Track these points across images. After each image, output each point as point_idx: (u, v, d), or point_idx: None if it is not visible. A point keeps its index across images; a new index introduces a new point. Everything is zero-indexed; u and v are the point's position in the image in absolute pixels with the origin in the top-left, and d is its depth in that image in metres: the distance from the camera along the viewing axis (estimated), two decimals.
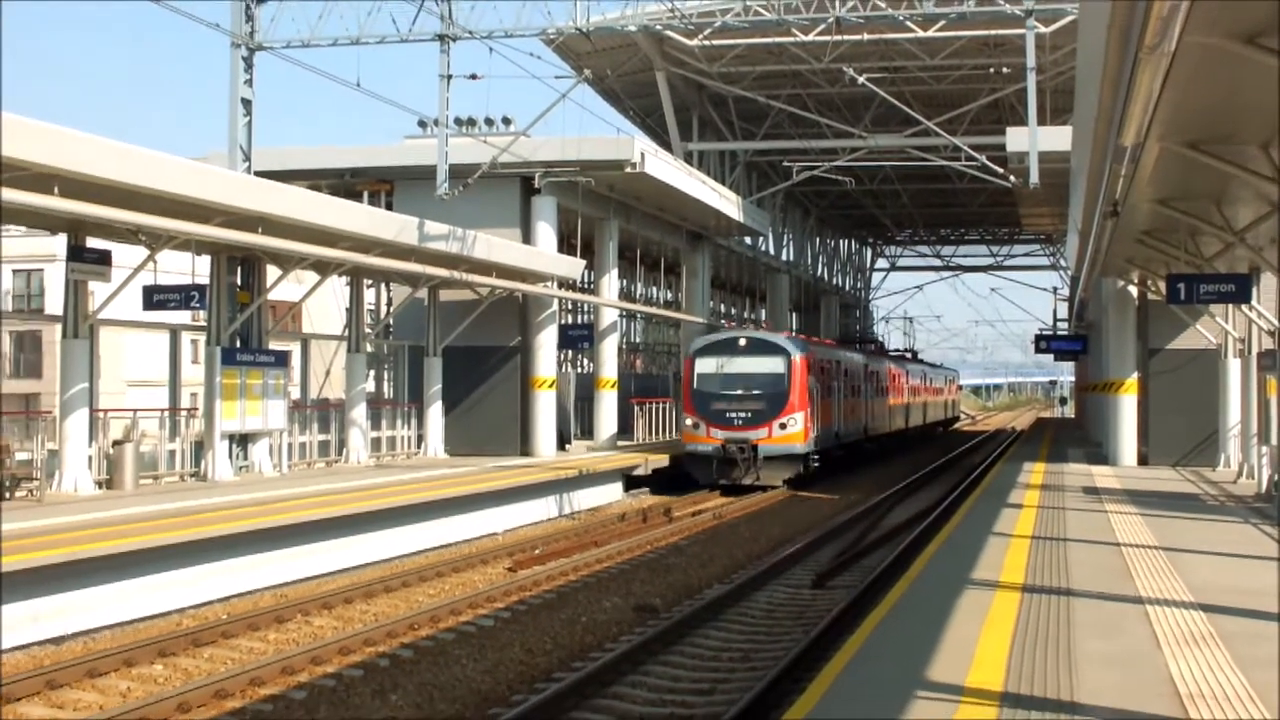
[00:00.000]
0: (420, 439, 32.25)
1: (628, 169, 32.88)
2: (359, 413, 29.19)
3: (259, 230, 22.02)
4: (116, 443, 22.31)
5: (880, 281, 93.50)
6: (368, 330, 31.43)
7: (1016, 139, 31.41)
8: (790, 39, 35.28)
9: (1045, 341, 52.04)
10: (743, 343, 33.34)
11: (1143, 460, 30.37)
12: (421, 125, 34.67)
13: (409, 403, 32.62)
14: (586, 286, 40.66)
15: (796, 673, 12.22)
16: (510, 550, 22.00)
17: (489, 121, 35.52)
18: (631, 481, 31.74)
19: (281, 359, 26.06)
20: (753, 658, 13.83)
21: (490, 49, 27.02)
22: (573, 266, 34.50)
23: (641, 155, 33.19)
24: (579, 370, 44.18)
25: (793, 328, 59.85)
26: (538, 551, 21.62)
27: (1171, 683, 8.46)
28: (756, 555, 21.72)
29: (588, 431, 38.05)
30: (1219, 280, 21.29)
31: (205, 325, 24.96)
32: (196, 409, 25.61)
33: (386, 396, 34.33)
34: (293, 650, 13.69)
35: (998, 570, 13.44)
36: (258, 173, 26.42)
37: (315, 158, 33.82)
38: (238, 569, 17.19)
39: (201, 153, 29.69)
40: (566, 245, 35.71)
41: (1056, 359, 71.60)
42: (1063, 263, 69.22)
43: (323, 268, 26.81)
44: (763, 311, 60.16)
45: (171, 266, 24.25)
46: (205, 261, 24.26)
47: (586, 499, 29.02)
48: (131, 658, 13.27)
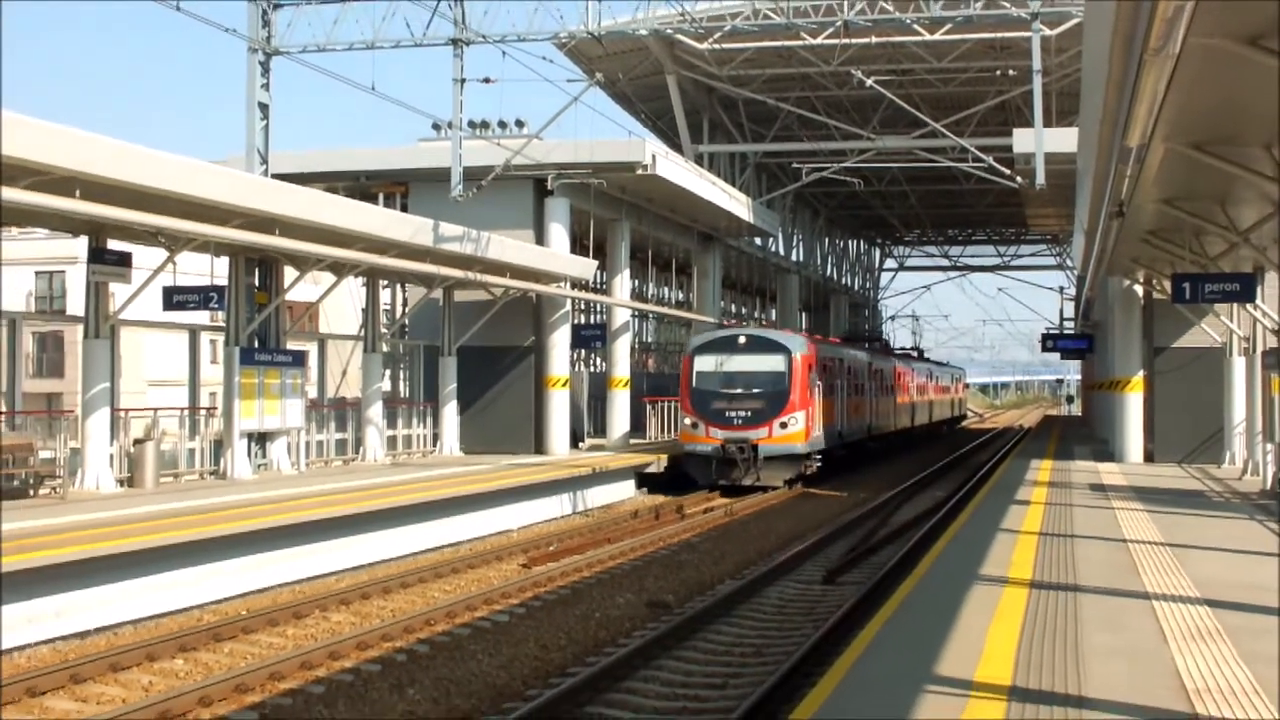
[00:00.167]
0: (436, 437, 32.28)
1: (639, 171, 32.87)
2: (375, 411, 29.23)
3: (276, 232, 22.06)
4: (137, 441, 22.36)
5: (889, 281, 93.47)
6: (384, 330, 31.45)
7: (1023, 140, 31.35)
8: (799, 42, 35.22)
9: (1052, 340, 51.94)
10: (742, 340, 32.40)
11: (1148, 457, 30.31)
12: (436, 128, 34.69)
13: (424, 402, 32.65)
14: (599, 287, 40.64)
15: (807, 667, 12.22)
16: (525, 547, 22.01)
17: (502, 124, 35.56)
18: (643, 480, 31.70)
19: (299, 359, 26.11)
20: (765, 652, 13.82)
21: (503, 53, 27.08)
22: (585, 267, 34.50)
23: (653, 157, 33.18)
24: (592, 370, 44.18)
25: (802, 327, 59.70)
26: (552, 548, 21.64)
27: (1178, 677, 8.43)
28: (767, 551, 21.70)
29: (601, 430, 38.04)
30: (1224, 280, 21.22)
31: (224, 325, 25.01)
32: (216, 408, 25.69)
33: (402, 395, 34.38)
34: (311, 645, 13.71)
35: (1006, 566, 13.42)
36: (275, 175, 26.45)
37: (331, 161, 33.85)
38: (257, 565, 17.22)
39: (216, 156, 29.75)
40: (579, 246, 35.72)
41: (1063, 358, 71.52)
42: (1069, 262, 69.04)
43: (339, 269, 26.84)
44: (773, 311, 60.09)
45: (190, 268, 24.31)
46: (224, 263, 24.30)
47: (599, 496, 29.04)
48: (153, 652, 13.30)
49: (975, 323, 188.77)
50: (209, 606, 16.09)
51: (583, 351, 42.80)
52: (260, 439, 25.12)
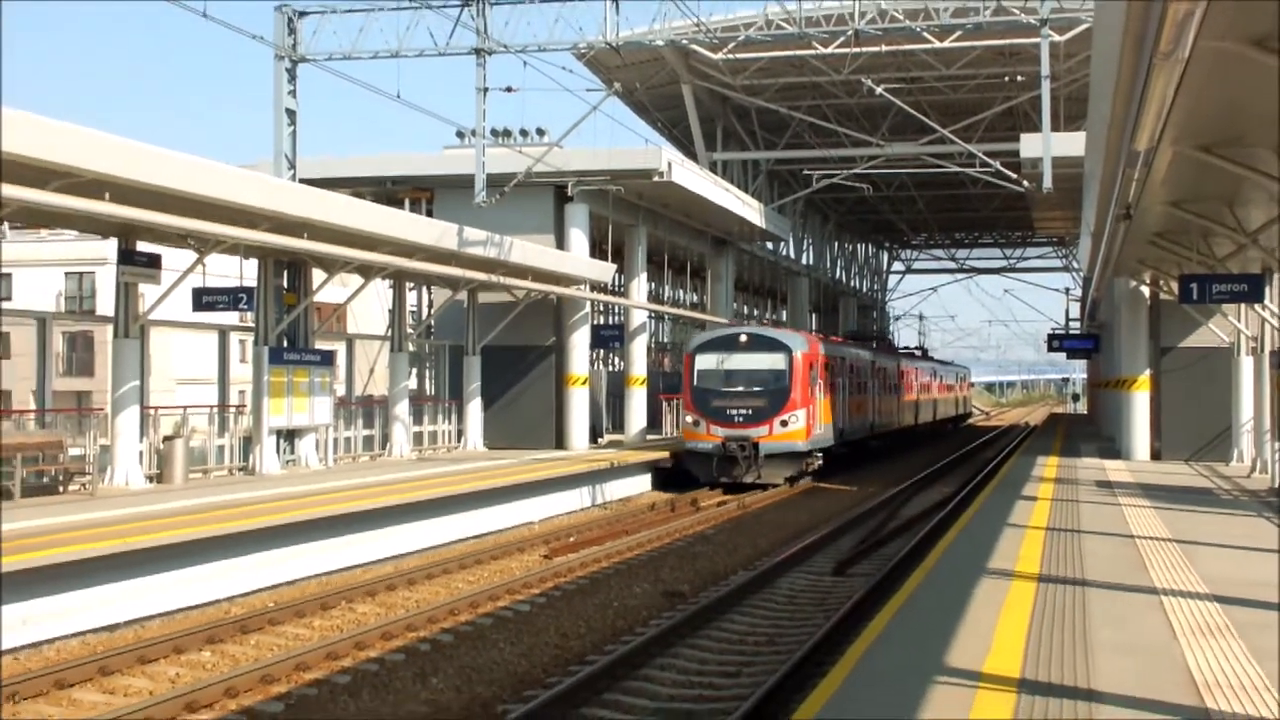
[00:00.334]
0: (460, 433, 32.24)
1: (656, 178, 32.83)
2: (402, 409, 29.19)
3: (305, 235, 21.98)
4: (167, 438, 22.30)
5: (897, 284, 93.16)
6: (410, 331, 31.39)
7: (1030, 145, 31.13)
8: (811, 52, 35.06)
9: (1058, 340, 51.71)
10: (743, 339, 31.52)
11: (1155, 455, 30.06)
12: (460, 135, 34.68)
13: (449, 399, 32.62)
14: (617, 289, 40.55)
15: (818, 656, 12.10)
16: (545, 538, 21.96)
17: (524, 132, 35.53)
18: (658, 474, 31.52)
19: (327, 358, 26.04)
20: (777, 642, 13.74)
21: (524, 62, 27.00)
22: (604, 270, 34.43)
23: (669, 165, 33.13)
24: (610, 368, 44.05)
25: (812, 328, 59.49)
26: (571, 540, 21.55)
27: (1188, 672, 8.28)
28: (779, 544, 21.57)
29: (619, 426, 38.02)
30: (1232, 280, 20.96)
31: (253, 326, 24.97)
32: (245, 406, 25.62)
33: (428, 393, 34.38)
34: (337, 636, 13.63)
35: (1013, 560, 13.26)
36: (303, 180, 26.43)
37: (359, 166, 33.86)
38: (284, 559, 17.14)
39: (240, 160, 29.77)
40: (598, 250, 35.65)
41: (1069, 357, 71.14)
42: (1075, 264, 68.75)
43: (366, 271, 26.78)
44: (784, 313, 59.90)
45: (219, 269, 24.25)
46: (252, 265, 24.25)
47: (617, 490, 28.96)
48: (181, 645, 13.23)
49: (982, 323, 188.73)
50: (236, 599, 16.02)
51: (601, 351, 42.65)
52: (289, 435, 25.06)
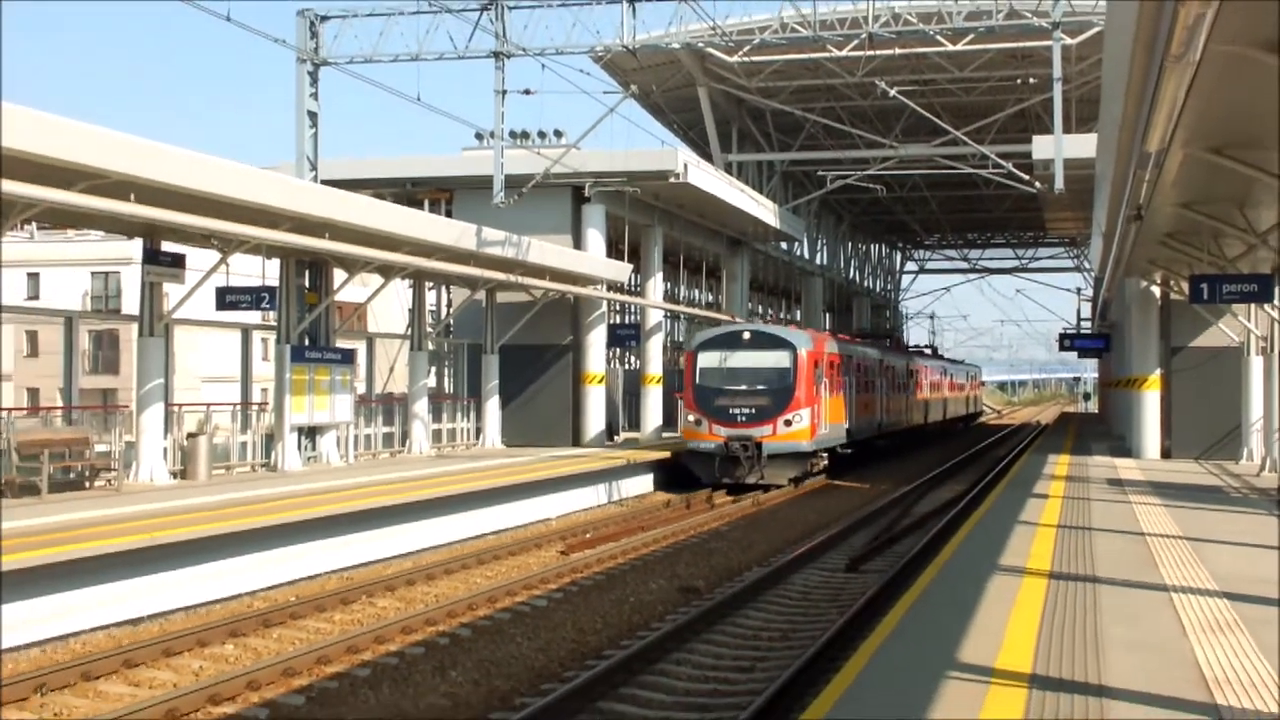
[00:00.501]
0: (479, 431, 32.27)
1: (672, 179, 32.81)
2: (421, 406, 29.22)
3: (326, 235, 22.02)
4: (190, 435, 22.36)
5: (909, 283, 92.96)
6: (429, 329, 31.44)
7: (1042, 147, 31.03)
8: (825, 54, 35.03)
9: (1069, 340, 51.49)
10: (746, 336, 30.24)
11: (1165, 453, 29.93)
12: (478, 137, 34.71)
13: (468, 397, 32.65)
14: (633, 289, 40.54)
15: (832, 652, 12.08)
16: (562, 535, 21.96)
17: (542, 134, 35.55)
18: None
19: (348, 356, 26.09)
20: (791, 637, 13.71)
21: (542, 65, 27.07)
22: (620, 270, 34.43)
23: (684, 166, 33.11)
24: (626, 367, 44.05)
25: (825, 327, 59.31)
26: (588, 536, 21.55)
27: (1198, 668, 8.24)
28: (794, 540, 21.54)
29: (635, 424, 38.01)
30: (1241, 280, 20.87)
31: (275, 325, 25.03)
32: (267, 403, 25.68)
33: (447, 391, 34.39)
34: (357, 630, 13.64)
35: (1025, 557, 13.21)
36: (325, 181, 26.49)
37: (379, 168, 33.93)
38: (305, 554, 17.16)
39: (261, 160, 29.85)
40: (614, 250, 35.65)
41: (1080, 356, 70.87)
42: (1086, 264, 68.52)
43: (387, 271, 26.82)
44: (798, 312, 59.81)
45: (242, 269, 24.32)
46: (275, 265, 24.31)
47: (633, 487, 28.93)
48: (204, 638, 13.27)
49: (994, 323, 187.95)
50: (259, 593, 16.05)
51: (618, 350, 42.65)
52: (310, 433, 25.12)
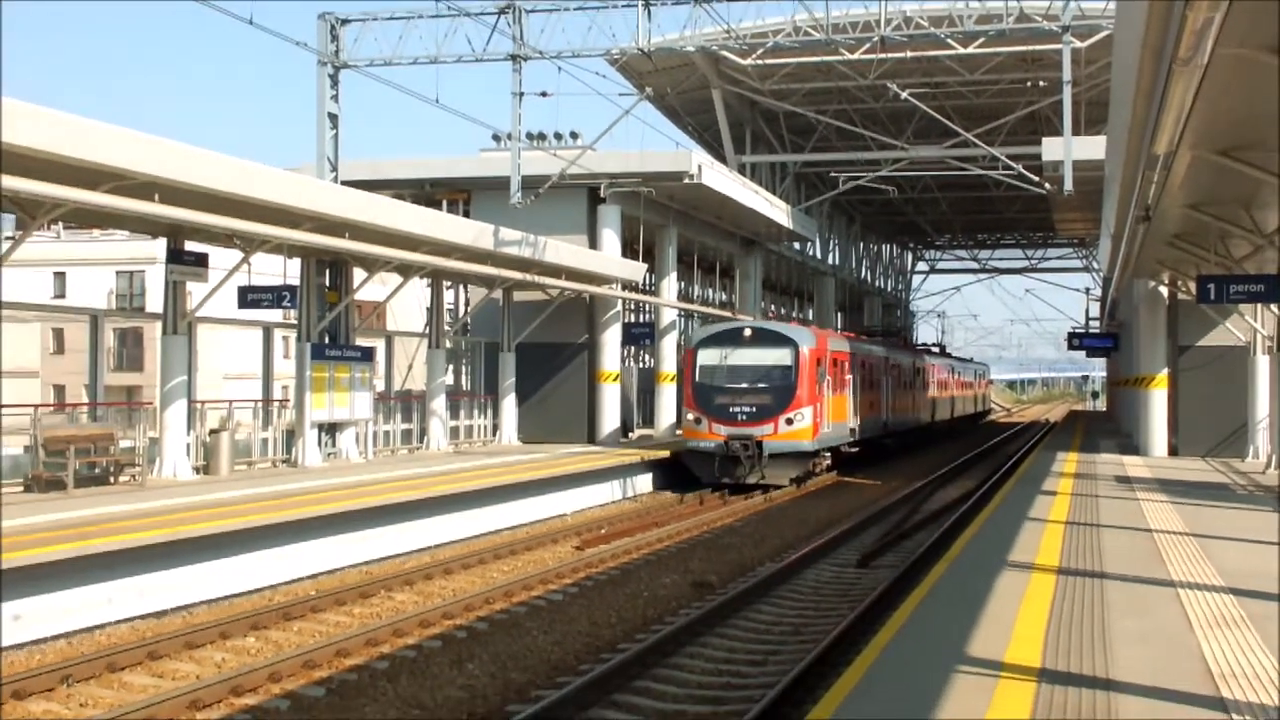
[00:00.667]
0: (495, 428, 32.33)
1: (686, 180, 32.79)
2: (439, 404, 29.28)
3: (346, 235, 22.09)
4: (213, 431, 22.46)
5: (920, 283, 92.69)
6: (447, 328, 31.50)
7: (1052, 149, 30.95)
8: (838, 58, 34.94)
9: (1078, 339, 51.31)
10: (747, 333, 29.23)
11: (1173, 451, 29.84)
12: (496, 139, 34.78)
13: (485, 394, 32.71)
14: (648, 288, 40.55)
15: (843, 646, 12.08)
16: (578, 530, 21.99)
17: (558, 136, 35.60)
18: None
19: (367, 354, 26.17)
20: (803, 631, 13.71)
21: (559, 68, 27.13)
22: (635, 270, 34.44)
23: (699, 167, 33.09)
24: (641, 365, 44.07)
25: (837, 327, 59.20)
26: (603, 531, 21.58)
27: (1204, 662, 8.23)
28: (805, 536, 21.53)
29: (649, 421, 38.01)
30: (1249, 281, 20.76)
31: (296, 323, 25.11)
32: (288, 400, 25.77)
33: (464, 389, 34.44)
34: (376, 624, 13.69)
35: (1034, 553, 13.20)
36: (345, 182, 26.54)
37: (398, 169, 33.97)
38: (325, 548, 17.23)
39: (281, 162, 29.92)
40: (629, 250, 35.65)
41: (1089, 355, 70.61)
42: (1095, 265, 68.21)
43: (405, 270, 26.88)
44: (810, 312, 59.74)
45: (264, 268, 24.39)
46: (296, 264, 24.38)
47: (647, 483, 28.92)
48: (226, 630, 13.33)
49: (1003, 322, 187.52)
50: (280, 587, 16.11)
51: (632, 348, 42.68)
52: (330, 429, 25.20)
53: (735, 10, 37.96)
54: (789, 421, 28.03)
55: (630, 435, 35.70)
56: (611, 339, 33.65)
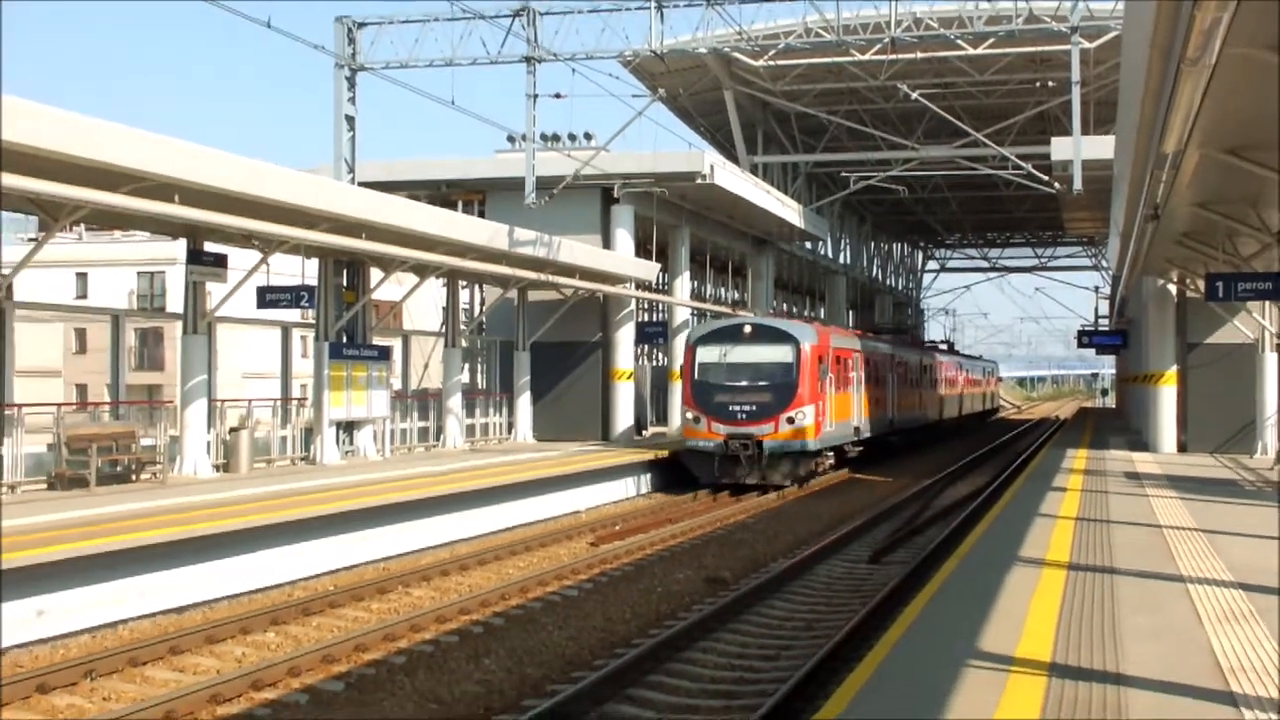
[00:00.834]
0: (510, 425, 32.36)
1: (699, 180, 32.77)
2: (455, 402, 29.32)
3: (363, 236, 22.13)
4: (232, 430, 22.53)
5: (931, 282, 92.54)
6: (463, 327, 31.56)
7: (1061, 148, 30.86)
8: (848, 59, 34.89)
9: (1087, 337, 51.18)
10: (748, 330, 28.10)
11: (1182, 448, 29.72)
12: (510, 140, 34.88)
13: (500, 393, 32.74)
14: (661, 287, 40.57)
15: (855, 641, 12.06)
16: (592, 526, 21.99)
17: (572, 137, 35.67)
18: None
19: (384, 353, 26.22)
20: (815, 627, 13.69)
21: (573, 70, 27.20)
22: (648, 269, 34.45)
23: (711, 168, 33.07)
24: (654, 363, 44.09)
25: (849, 325, 59.08)
26: (617, 528, 21.57)
27: (1213, 656, 8.20)
28: (818, 532, 21.50)
29: (663, 419, 38.01)
30: (1257, 279, 20.70)
31: (314, 323, 25.16)
32: (306, 399, 25.84)
33: (480, 387, 34.50)
34: (394, 619, 13.71)
35: (1044, 549, 13.16)
36: (362, 183, 26.60)
37: (414, 170, 34.03)
38: (343, 544, 17.26)
39: (299, 164, 30.00)
40: (642, 250, 35.66)
41: (1098, 353, 70.44)
42: (1104, 263, 68.05)
43: (422, 270, 26.93)
44: (822, 310, 59.68)
45: (282, 269, 24.47)
46: (314, 264, 24.44)
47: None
48: (246, 626, 13.36)
49: (1013, 320, 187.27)
50: (299, 583, 16.14)
51: (646, 346, 42.71)
52: (348, 427, 25.26)
53: (747, 12, 37.88)
54: (790, 420, 27.09)
55: (644, 433, 35.71)
56: (625, 338, 33.66)
